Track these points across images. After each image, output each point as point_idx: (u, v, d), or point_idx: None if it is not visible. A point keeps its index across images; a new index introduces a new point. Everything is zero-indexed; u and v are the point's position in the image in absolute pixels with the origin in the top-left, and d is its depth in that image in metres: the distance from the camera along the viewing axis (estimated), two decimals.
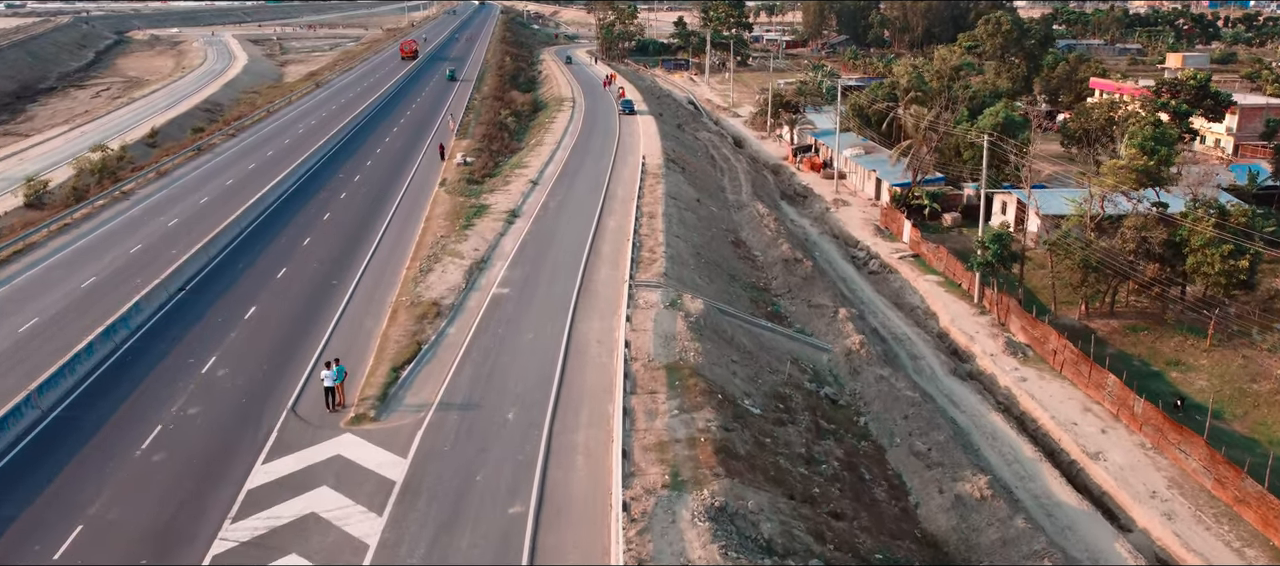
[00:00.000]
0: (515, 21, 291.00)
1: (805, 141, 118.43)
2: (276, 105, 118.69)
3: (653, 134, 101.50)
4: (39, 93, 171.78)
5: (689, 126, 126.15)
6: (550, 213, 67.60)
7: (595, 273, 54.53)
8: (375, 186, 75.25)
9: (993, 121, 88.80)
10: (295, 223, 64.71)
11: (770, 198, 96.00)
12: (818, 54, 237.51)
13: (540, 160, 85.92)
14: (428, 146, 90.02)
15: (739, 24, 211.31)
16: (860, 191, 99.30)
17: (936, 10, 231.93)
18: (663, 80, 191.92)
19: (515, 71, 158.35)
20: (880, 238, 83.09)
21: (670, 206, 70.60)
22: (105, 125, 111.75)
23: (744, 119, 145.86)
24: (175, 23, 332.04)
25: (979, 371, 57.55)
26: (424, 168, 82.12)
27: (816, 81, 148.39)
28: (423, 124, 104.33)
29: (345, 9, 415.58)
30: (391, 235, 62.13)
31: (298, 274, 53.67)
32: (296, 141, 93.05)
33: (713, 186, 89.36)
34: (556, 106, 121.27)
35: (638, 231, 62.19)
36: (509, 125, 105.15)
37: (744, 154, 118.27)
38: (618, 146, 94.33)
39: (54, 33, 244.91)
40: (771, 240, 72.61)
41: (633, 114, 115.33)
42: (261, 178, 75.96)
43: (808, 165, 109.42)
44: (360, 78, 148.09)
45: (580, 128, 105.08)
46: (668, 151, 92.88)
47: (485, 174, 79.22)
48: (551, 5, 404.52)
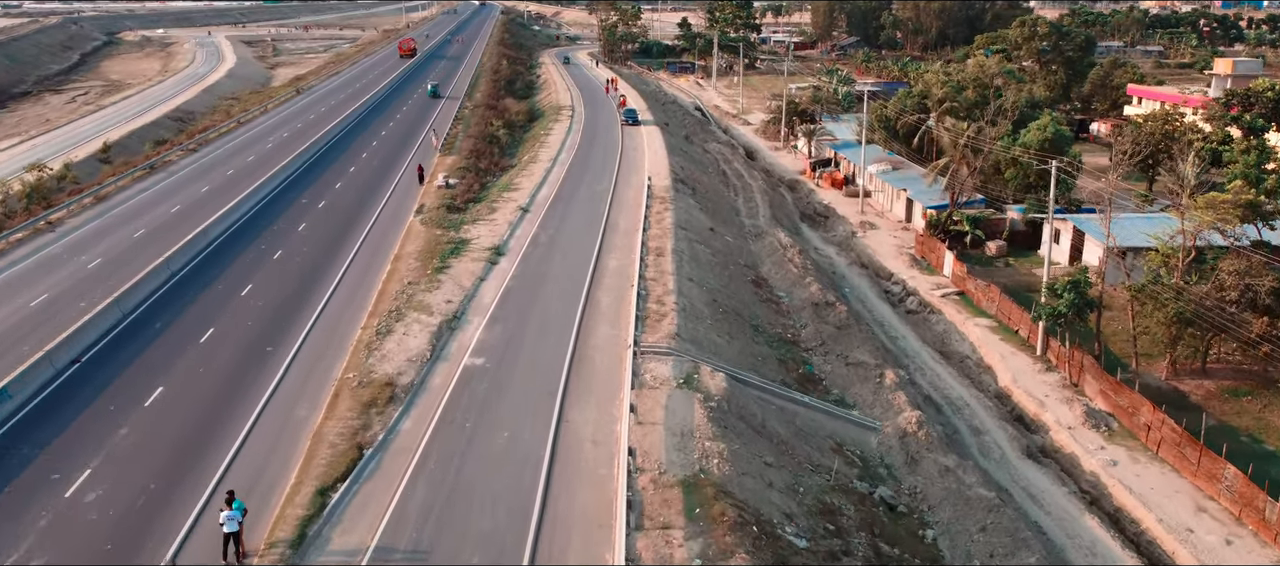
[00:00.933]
0: (515, 22, 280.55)
1: (824, 154, 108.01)
2: (250, 114, 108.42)
3: (659, 147, 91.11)
4: (12, 97, 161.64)
5: (697, 137, 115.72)
6: (541, 250, 57.21)
7: (592, 333, 44.17)
8: (341, 215, 64.91)
9: (1041, 137, 78.45)
10: (239, 263, 54.34)
11: (790, 220, 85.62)
12: (827, 56, 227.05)
13: (533, 181, 75.55)
14: (407, 166, 79.64)
15: (747, 25, 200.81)
16: (888, 212, 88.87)
17: (951, 11, 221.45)
18: (668, 84, 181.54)
19: (511, 76, 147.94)
20: (917, 269, 72.72)
21: (681, 240, 60.22)
22: (59, 137, 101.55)
23: (755, 127, 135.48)
24: (169, 23, 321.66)
25: (1055, 449, 47.16)
26: (400, 192, 71.74)
27: (832, 87, 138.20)
28: (405, 137, 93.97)
29: (344, 9, 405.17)
30: (351, 280, 51.73)
31: (226, 337, 43.31)
32: (263, 158, 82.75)
33: (727, 210, 78.96)
34: (554, 115, 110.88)
35: (643, 275, 51.79)
36: (500, 138, 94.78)
37: (757, 168, 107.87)
38: (620, 163, 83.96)
39: (37, 34, 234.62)
40: (797, 278, 62.18)
41: (637, 124, 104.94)
42: (213, 203, 65.70)
43: (828, 181, 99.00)
44: (346, 83, 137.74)
45: (579, 140, 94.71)
46: (676, 169, 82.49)
47: (469, 199, 68.85)
48: (553, 6, 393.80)
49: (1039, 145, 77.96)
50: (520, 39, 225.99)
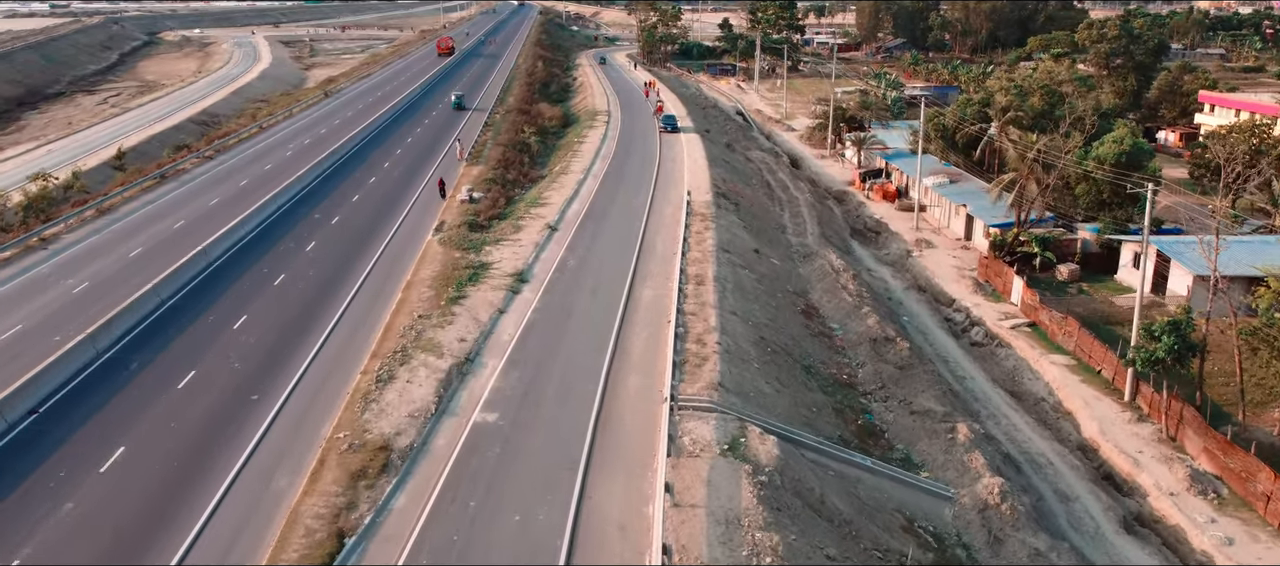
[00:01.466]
0: (553, 23, 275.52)
1: (874, 164, 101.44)
2: (274, 119, 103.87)
3: (699, 158, 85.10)
4: (45, 98, 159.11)
5: (739, 145, 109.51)
6: (568, 277, 51.44)
7: (622, 383, 38.32)
8: (355, 233, 59.59)
9: (1117, 151, 71.54)
10: (237, 289, 49.13)
11: (840, 238, 79.28)
12: (873, 59, 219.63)
13: (563, 194, 69.87)
14: (429, 179, 74.21)
15: (790, 26, 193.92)
16: (945, 228, 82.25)
17: (1002, 12, 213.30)
18: (708, 87, 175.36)
19: (546, 79, 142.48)
20: (981, 294, 66.22)
21: (723, 266, 54.20)
22: (77, 142, 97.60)
23: (799, 133, 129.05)
24: (210, 23, 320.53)
25: (1156, 519, 40.67)
26: (420, 207, 66.34)
27: (881, 92, 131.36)
28: (431, 145, 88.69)
29: (383, 10, 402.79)
30: (356, 312, 46.31)
31: (209, 381, 37.99)
32: (280, 167, 77.86)
33: (772, 227, 72.79)
34: (589, 121, 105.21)
35: (682, 309, 45.84)
36: (531, 146, 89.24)
37: (803, 178, 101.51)
38: (657, 174, 78.08)
39: (77, 34, 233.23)
40: (852, 307, 55.90)
41: (676, 131, 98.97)
42: (220, 218, 60.72)
43: (879, 194, 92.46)
44: (376, 86, 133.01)
45: (614, 149, 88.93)
46: (717, 181, 76.43)
47: (493, 215, 63.28)
48: (592, 6, 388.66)
49: (1115, 159, 71.09)
50: (557, 40, 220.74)
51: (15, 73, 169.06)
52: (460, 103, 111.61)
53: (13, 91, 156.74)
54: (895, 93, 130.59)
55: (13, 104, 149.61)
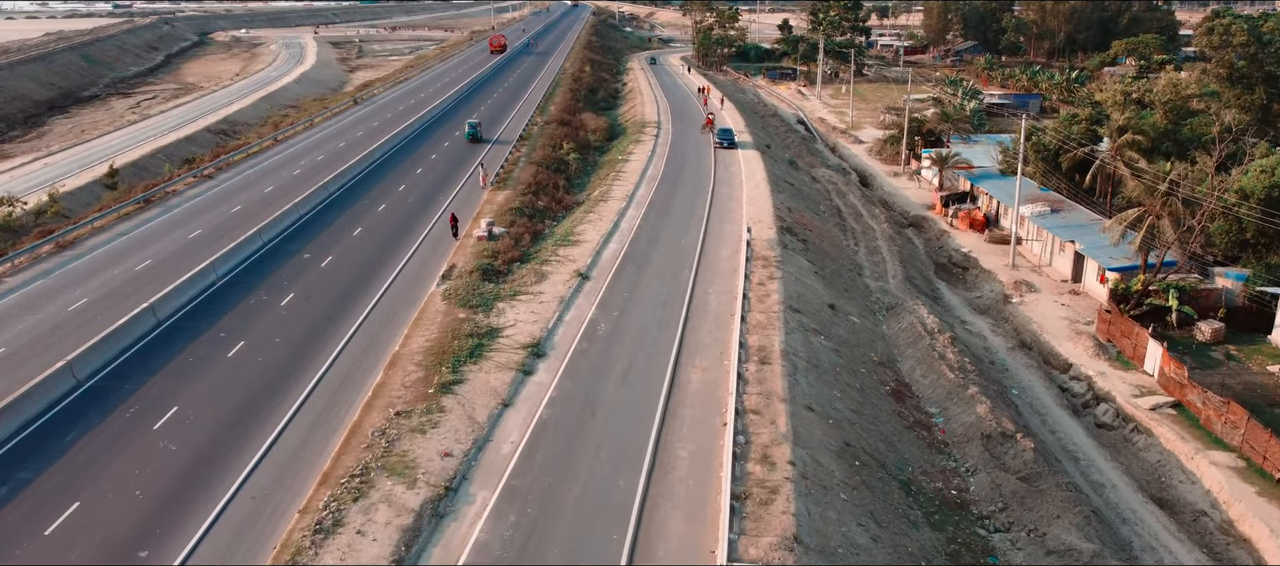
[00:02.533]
0: (606, 23, 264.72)
1: (957, 185, 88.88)
2: (295, 129, 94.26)
3: (760, 180, 73.46)
4: (78, 101, 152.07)
5: (803, 161, 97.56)
6: (596, 350, 40.22)
7: (658, 532, 27.08)
8: (345, 280, 48.97)
9: (1268, 182, 58.66)
10: (175, 367, 38.49)
11: (923, 277, 67.18)
12: (941, 62, 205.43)
13: (600, 228, 58.73)
14: (446, 209, 63.51)
15: (855, 27, 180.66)
16: (1046, 267, 69.65)
17: (1082, 13, 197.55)
18: (766, 92, 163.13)
19: (593, 85, 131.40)
20: (1103, 358, 53.74)
21: (793, 333, 42.65)
22: (80, 154, 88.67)
23: (868, 146, 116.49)
24: (263, 24, 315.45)
25: None
26: (429, 244, 55.60)
27: (958, 101, 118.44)
28: (455, 164, 77.96)
29: (437, 10, 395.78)
30: (318, 403, 35.54)
31: (85, 532, 27.41)
32: (283, 189, 67.88)
33: (847, 269, 60.94)
34: (637, 133, 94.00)
35: (742, 405, 34.55)
36: (569, 165, 78.23)
37: (875, 198, 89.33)
38: (711, 202, 66.58)
39: (125, 34, 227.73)
40: (955, 387, 43.94)
41: (733, 147, 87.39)
42: (194, 258, 50.69)
43: (965, 221, 79.92)
44: (411, 91, 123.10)
45: (663, 168, 77.59)
46: (781, 211, 64.79)
47: (514, 258, 52.26)
48: (647, 6, 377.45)
49: (1265, 192, 58.21)
50: (609, 42, 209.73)
51: (51, 75, 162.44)
52: (475, 133, 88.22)
53: (45, 94, 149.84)
54: (974, 103, 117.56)
55: (43, 108, 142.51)
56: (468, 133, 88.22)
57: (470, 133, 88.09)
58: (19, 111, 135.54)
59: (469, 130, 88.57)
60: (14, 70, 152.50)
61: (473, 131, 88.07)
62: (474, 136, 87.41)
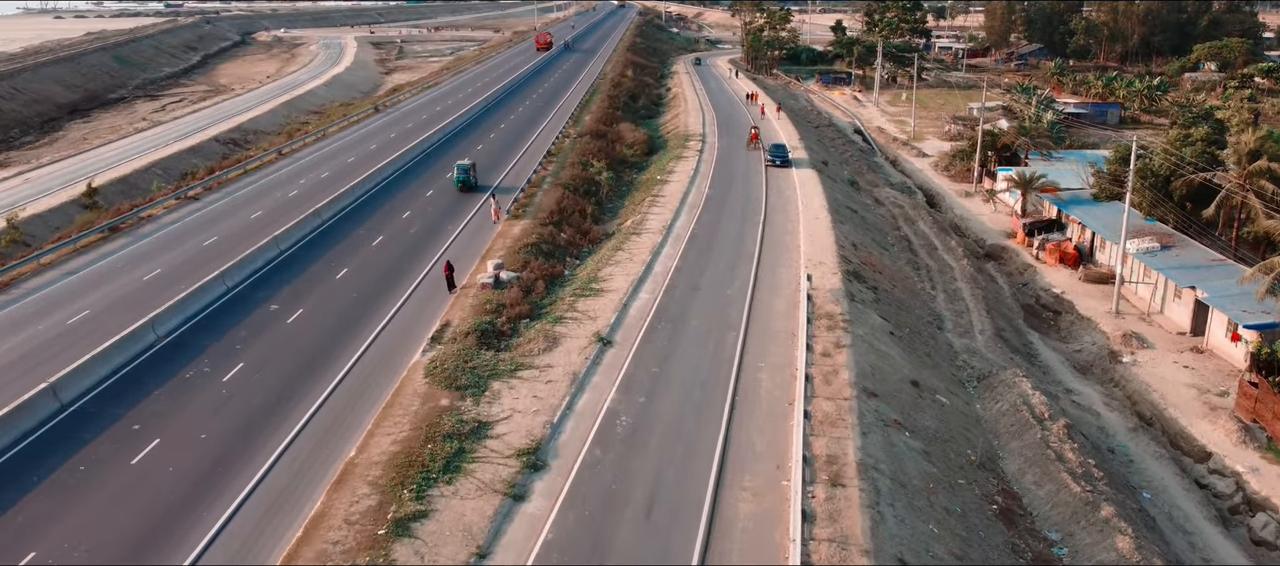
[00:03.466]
0: (651, 24, 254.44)
1: (1041, 210, 77.68)
2: (304, 141, 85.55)
3: (818, 207, 63.02)
4: (104, 104, 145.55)
5: (864, 179, 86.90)
6: (613, 461, 30.15)
7: None
8: (309, 345, 39.40)
9: None
10: (57, 479, 29.43)
11: (1011, 326, 56.43)
12: (1004, 66, 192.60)
13: (630, 272, 48.74)
14: (452, 243, 53.99)
15: (915, 29, 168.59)
16: (1157, 314, 58.49)
17: (1157, 14, 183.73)
18: (819, 98, 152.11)
19: (635, 90, 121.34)
20: (1250, 443, 42.97)
21: (871, 433, 32.37)
22: (72, 166, 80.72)
23: (932, 160, 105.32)
24: (307, 23, 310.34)
25: None
26: (425, 291, 45.89)
27: (1033, 111, 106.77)
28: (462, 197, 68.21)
29: (483, 10, 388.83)
30: (231, 543, 26.13)
31: None
32: (271, 215, 58.94)
33: (925, 324, 50.35)
34: (679, 148, 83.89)
35: (808, 560, 24.50)
36: (600, 186, 68.35)
37: (945, 221, 78.48)
38: (763, 237, 56.26)
39: (164, 34, 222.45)
40: (1081, 506, 33.23)
41: (787, 165, 76.97)
42: (144, 303, 41.88)
43: (1054, 254, 68.79)
44: (440, 97, 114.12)
45: (707, 191, 67.43)
46: (845, 248, 54.37)
47: (522, 313, 42.42)
48: (695, 6, 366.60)
49: None
50: (654, 43, 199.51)
51: (78, 76, 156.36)
52: (467, 178, 67.00)
53: (68, 97, 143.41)
54: (1054, 117, 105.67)
55: (65, 111, 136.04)
56: (457, 178, 66.66)
57: (460, 178, 66.51)
58: (37, 115, 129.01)
59: (458, 175, 66.70)
60: (38, 72, 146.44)
61: (463, 177, 66.46)
62: (465, 183, 66.25)
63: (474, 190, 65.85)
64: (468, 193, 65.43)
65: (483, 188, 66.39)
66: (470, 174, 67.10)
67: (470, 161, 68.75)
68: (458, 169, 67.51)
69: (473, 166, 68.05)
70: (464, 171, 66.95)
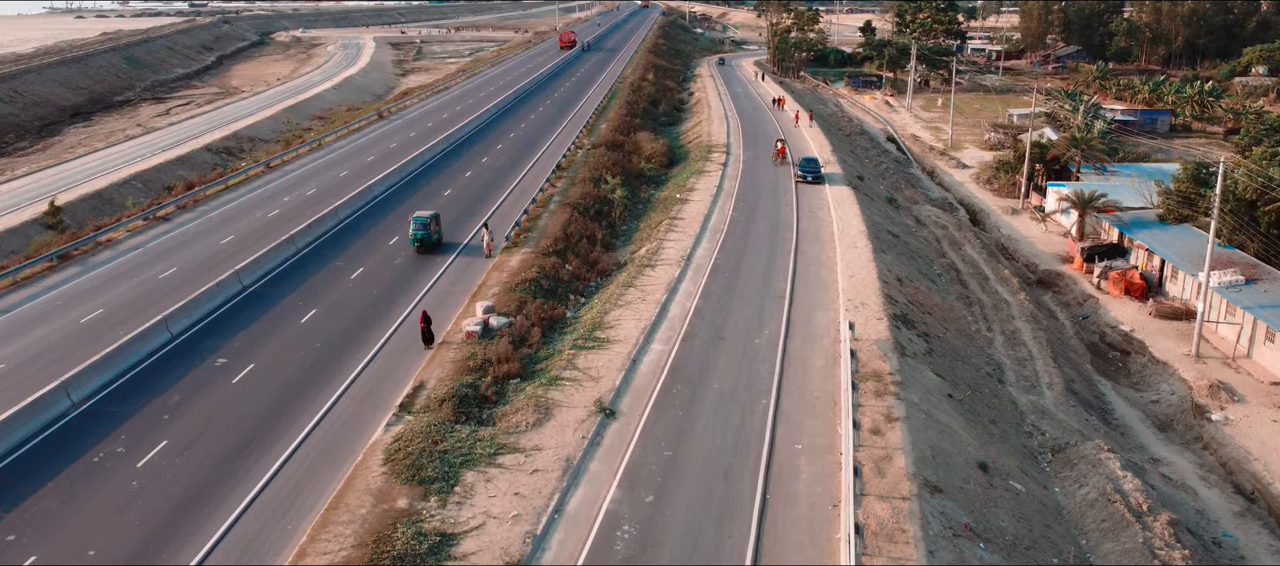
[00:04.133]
0: (675, 24, 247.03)
1: (1101, 232, 69.97)
2: (298, 151, 79.00)
3: (856, 233, 55.67)
4: (109, 106, 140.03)
5: (903, 194, 79.48)
6: None
7: None
8: (252, 414, 32.52)
9: None
10: None
11: (1079, 373, 48.98)
12: (1041, 68, 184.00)
13: (642, 318, 41.62)
14: (435, 285, 47.08)
15: (949, 31, 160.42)
16: (1242, 357, 50.88)
17: (1203, 16, 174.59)
18: (849, 102, 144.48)
19: (656, 95, 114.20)
20: None
21: (940, 555, 25.20)
22: (41, 180, 74.41)
23: (973, 172, 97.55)
24: (327, 23, 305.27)
25: None
26: (395, 349, 38.86)
27: (1081, 120, 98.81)
28: (469, 208, 61.13)
29: (505, 10, 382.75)
30: None
31: None
32: (246, 238, 52.42)
33: (985, 378, 42.95)
34: (701, 161, 76.73)
35: None
36: (613, 207, 61.39)
37: (993, 245, 70.99)
38: (795, 270, 49.01)
39: (180, 34, 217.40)
40: None
41: (819, 180, 69.67)
42: (74, 351, 35.47)
43: (1119, 285, 61.08)
44: (451, 102, 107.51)
45: (732, 212, 60.22)
46: (889, 284, 47.06)
47: (510, 371, 35.41)
48: (720, 6, 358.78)
49: None
50: (677, 44, 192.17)
51: (85, 78, 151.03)
52: (427, 234, 50.81)
53: (72, 99, 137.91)
54: (1102, 123, 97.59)
55: (66, 114, 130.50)
56: (413, 234, 50.37)
57: (418, 235, 50.29)
58: (36, 119, 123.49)
59: (415, 231, 50.35)
60: (41, 74, 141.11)
61: (422, 234, 50.28)
62: (425, 241, 50.38)
63: (437, 249, 50.93)
64: (428, 253, 50.16)
65: (448, 246, 51.44)
66: (432, 229, 50.73)
67: (433, 212, 51.93)
68: (414, 223, 50.40)
69: (435, 218, 51.23)
70: (423, 226, 50.31)
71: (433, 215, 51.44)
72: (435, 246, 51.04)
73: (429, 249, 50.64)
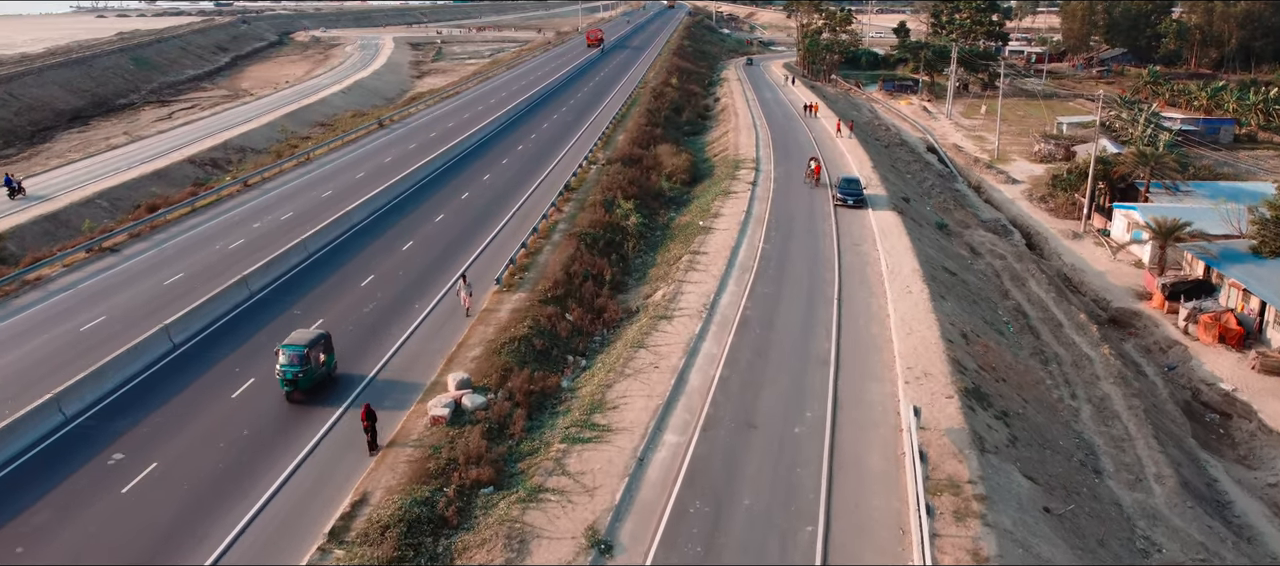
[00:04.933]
0: (701, 25, 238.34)
1: (1182, 265, 60.89)
2: (282, 165, 71.37)
3: (909, 272, 47.06)
4: (112, 110, 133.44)
5: (953, 217, 70.75)
6: None
7: None
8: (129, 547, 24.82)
9: None
10: None
11: (1180, 448, 40.21)
12: (1083, 72, 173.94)
13: (653, 392, 33.21)
14: (409, 339, 38.97)
15: (991, 33, 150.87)
16: None
17: (1259, 17, 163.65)
18: (883, 108, 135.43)
19: (679, 101, 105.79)
20: None
21: None
22: None
23: (1024, 187, 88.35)
24: (348, 23, 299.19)
25: None
26: (339, 440, 30.85)
27: (1144, 133, 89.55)
28: (456, 244, 53.03)
29: (528, 9, 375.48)
30: None
31: None
32: (198, 274, 44.71)
33: (1077, 468, 34.29)
34: (727, 179, 68.29)
35: None
36: (626, 237, 53.09)
37: (1056, 276, 62.12)
38: (839, 326, 40.36)
39: (193, 35, 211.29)
40: None
41: (861, 204, 61.08)
42: None
43: (1211, 331, 52.01)
44: (456, 110, 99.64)
45: (762, 246, 51.67)
46: (954, 342, 38.46)
47: (481, 481, 27.27)
48: (747, 6, 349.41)
49: None
50: (703, 46, 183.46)
51: (88, 80, 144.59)
52: (295, 372, 31.74)
53: (72, 103, 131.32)
54: (1171, 138, 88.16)
55: (64, 118, 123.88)
56: (283, 371, 31.79)
57: (289, 371, 31.72)
58: (30, 124, 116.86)
59: (284, 366, 31.75)
60: (42, 76, 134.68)
61: (293, 370, 31.70)
62: (295, 382, 31.86)
63: (320, 388, 32.61)
64: (302, 404, 31.91)
65: (345, 380, 33.61)
66: (310, 361, 31.80)
67: (319, 333, 33.23)
68: (283, 353, 31.67)
69: (315, 345, 32.22)
70: (298, 359, 31.46)
71: (317, 338, 32.49)
72: (318, 385, 32.38)
73: (311, 390, 32.01)
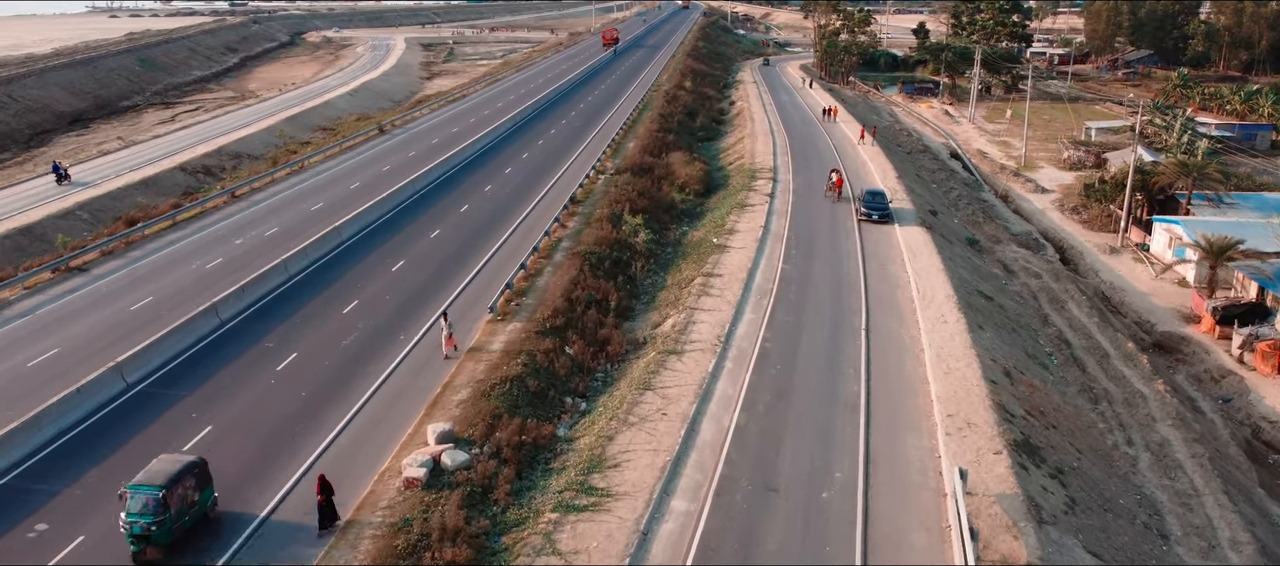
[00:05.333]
0: (716, 26, 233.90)
1: (1234, 286, 56.39)
2: (274, 174, 67.69)
3: (943, 298, 42.77)
4: (114, 112, 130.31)
5: (982, 230, 66.43)
6: None
7: None
8: None
9: None
10: None
11: (1253, 503, 35.86)
12: (1108, 74, 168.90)
13: (661, 445, 29.19)
14: (386, 382, 35.02)
15: (1014, 34, 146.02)
16: None
17: None
18: (903, 111, 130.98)
19: (693, 105, 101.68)
20: None
21: None
22: None
23: (1054, 197, 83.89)
24: (361, 23, 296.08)
25: None
26: (296, 505, 27.03)
27: (1180, 140, 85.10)
28: (445, 267, 49.21)
29: (542, 9, 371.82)
30: None
31: None
32: (170, 298, 41.03)
33: (1140, 531, 30.06)
34: (743, 190, 64.13)
35: None
36: (635, 254, 48.99)
37: (1095, 297, 57.72)
38: (868, 364, 36.13)
39: (202, 35, 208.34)
40: None
41: (886, 218, 56.81)
42: None
43: (1271, 360, 47.54)
44: (462, 114, 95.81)
45: (781, 267, 47.49)
46: (998, 384, 34.20)
47: (456, 561, 23.35)
48: (763, 6, 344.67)
49: None
50: (718, 47, 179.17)
51: (91, 82, 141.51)
52: (152, 523, 23.16)
53: (73, 105, 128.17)
54: (1206, 141, 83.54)
55: (64, 121, 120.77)
56: (131, 525, 23.25)
57: (134, 529, 23.21)
58: (28, 126, 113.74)
59: (131, 524, 23.28)
60: (43, 77, 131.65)
61: (143, 524, 23.17)
62: (146, 533, 23.22)
63: (191, 537, 24.38)
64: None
65: (240, 521, 25.23)
66: (169, 505, 23.46)
67: (181, 466, 24.40)
68: (131, 496, 23.49)
69: (179, 481, 23.94)
70: (153, 504, 23.33)
71: (184, 469, 24.36)
72: (194, 530, 24.45)
73: (174, 545, 23.80)
